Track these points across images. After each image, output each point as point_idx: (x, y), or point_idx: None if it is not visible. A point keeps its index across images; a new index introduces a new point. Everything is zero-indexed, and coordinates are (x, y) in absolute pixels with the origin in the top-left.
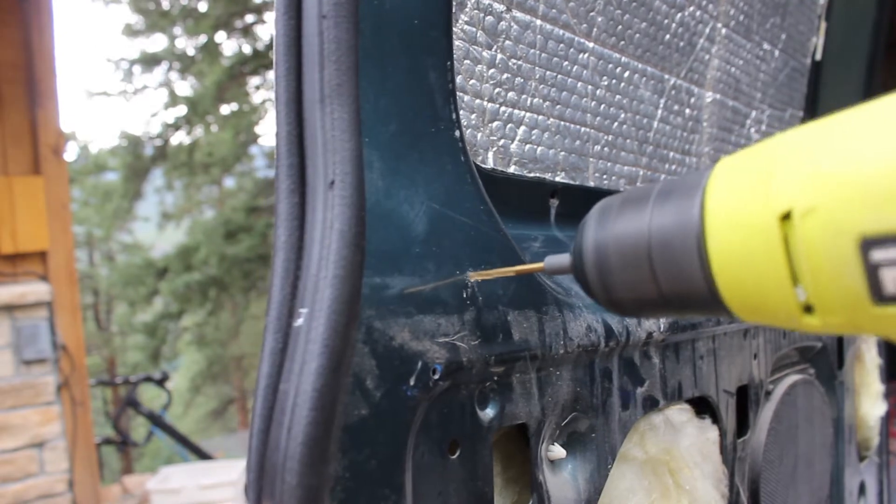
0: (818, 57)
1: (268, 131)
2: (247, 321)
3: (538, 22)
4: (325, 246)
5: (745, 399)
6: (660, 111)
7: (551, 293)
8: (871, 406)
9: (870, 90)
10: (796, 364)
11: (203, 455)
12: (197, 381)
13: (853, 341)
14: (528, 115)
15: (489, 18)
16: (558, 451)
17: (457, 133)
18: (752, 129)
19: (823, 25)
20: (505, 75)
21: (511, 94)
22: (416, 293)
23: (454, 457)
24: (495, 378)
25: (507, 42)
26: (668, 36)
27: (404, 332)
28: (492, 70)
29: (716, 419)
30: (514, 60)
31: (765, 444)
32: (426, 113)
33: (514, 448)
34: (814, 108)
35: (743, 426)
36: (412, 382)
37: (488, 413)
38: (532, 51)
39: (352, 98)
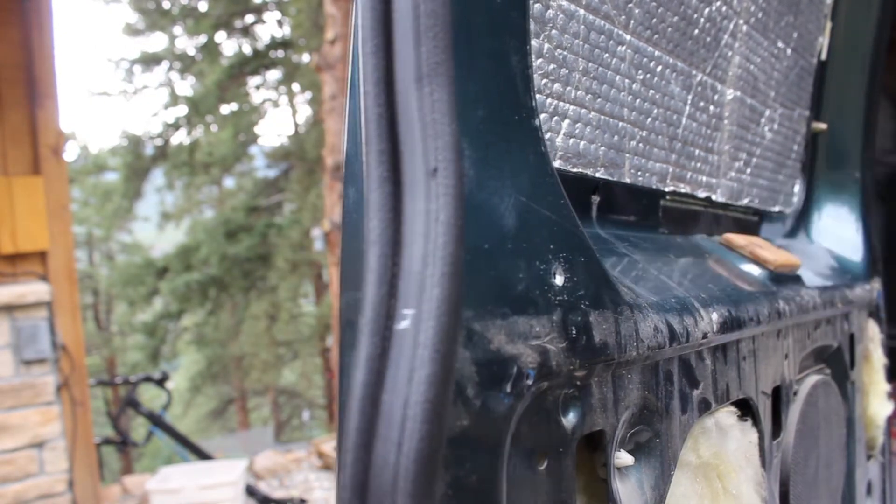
0: (823, 57)
1: (268, 130)
2: (247, 321)
3: (581, 11)
4: (431, 240)
5: (778, 400)
6: (688, 107)
7: (624, 292)
8: (878, 405)
9: (872, 90)
10: (814, 364)
11: (203, 455)
12: (197, 381)
13: (861, 340)
14: (572, 107)
15: (537, 6)
16: (626, 458)
17: (536, 122)
18: (766, 128)
19: (829, 25)
20: (551, 66)
21: (557, 86)
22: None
23: (542, 468)
24: (577, 383)
25: (554, 31)
26: (696, 31)
27: (501, 334)
28: (539, 60)
29: (755, 421)
30: (559, 50)
31: (793, 446)
32: (509, 99)
33: (580, 457)
34: (818, 107)
35: (777, 428)
36: (508, 389)
37: (571, 420)
38: (576, 41)
39: (450, 78)
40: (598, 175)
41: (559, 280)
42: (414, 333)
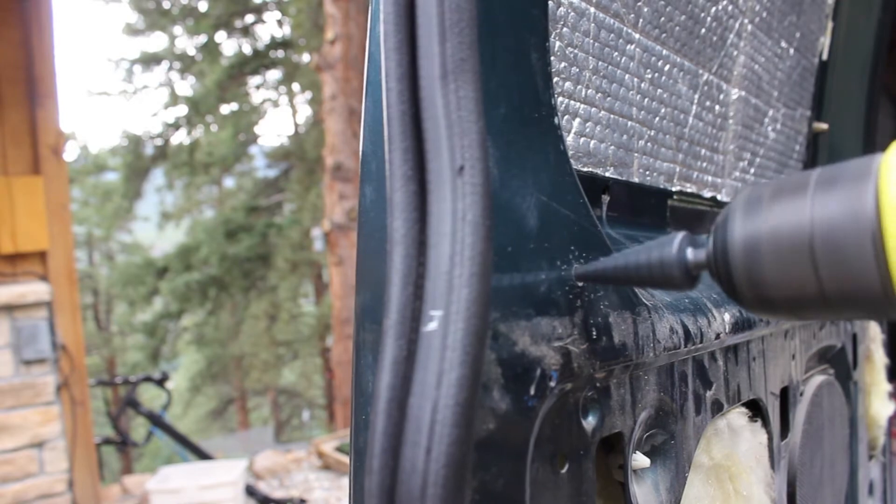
0: (825, 57)
1: (268, 130)
2: (247, 321)
3: (592, 10)
4: (459, 240)
5: (786, 401)
6: (694, 107)
7: (640, 292)
8: (880, 405)
9: (873, 90)
10: (818, 365)
11: (203, 455)
12: (197, 381)
13: (863, 340)
14: (582, 106)
15: (549, 4)
16: (642, 460)
17: (556, 120)
18: (770, 128)
19: (830, 25)
20: (562, 64)
21: (567, 84)
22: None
23: (563, 471)
24: (597, 385)
25: (565, 29)
26: (703, 30)
27: (525, 336)
28: (551, 58)
29: (765, 422)
30: (570, 49)
31: (799, 446)
32: (530, 97)
33: (596, 459)
34: (819, 107)
35: (784, 428)
36: (532, 391)
37: (591, 423)
38: (586, 39)
39: (476, 75)
40: (607, 174)
41: (580, 280)
42: (442, 335)
